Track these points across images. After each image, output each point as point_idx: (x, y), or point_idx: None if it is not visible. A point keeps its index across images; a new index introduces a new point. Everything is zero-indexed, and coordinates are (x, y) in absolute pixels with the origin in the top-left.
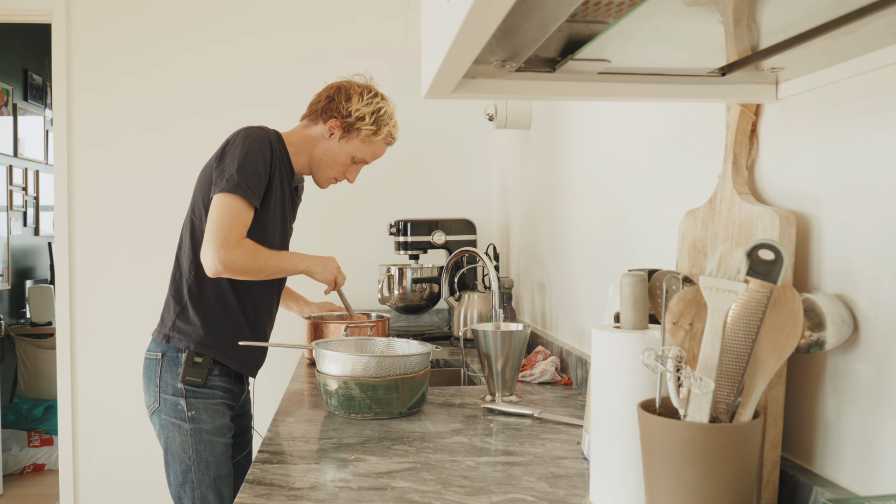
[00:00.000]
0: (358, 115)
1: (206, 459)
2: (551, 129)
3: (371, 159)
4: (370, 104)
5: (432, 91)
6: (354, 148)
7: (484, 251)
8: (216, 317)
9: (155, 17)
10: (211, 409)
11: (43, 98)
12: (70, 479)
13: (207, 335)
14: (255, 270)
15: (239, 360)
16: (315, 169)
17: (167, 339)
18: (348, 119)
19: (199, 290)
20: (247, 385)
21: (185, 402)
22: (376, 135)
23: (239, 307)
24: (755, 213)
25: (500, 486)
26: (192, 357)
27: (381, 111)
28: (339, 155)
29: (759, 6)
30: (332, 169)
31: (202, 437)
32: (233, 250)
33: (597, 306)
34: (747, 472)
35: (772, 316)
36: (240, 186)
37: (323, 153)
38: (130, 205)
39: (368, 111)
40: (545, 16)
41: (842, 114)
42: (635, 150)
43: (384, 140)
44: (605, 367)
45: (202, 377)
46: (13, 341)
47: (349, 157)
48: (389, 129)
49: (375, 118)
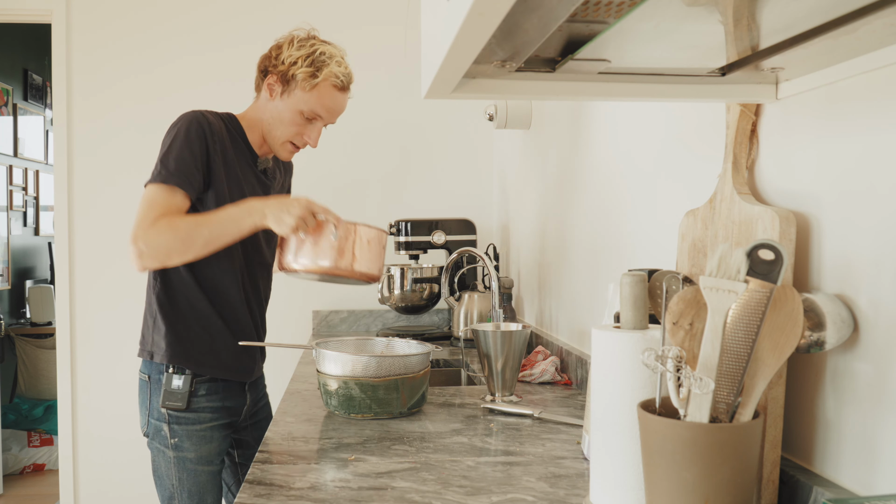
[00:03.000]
0: (290, 61)
1: (188, 488)
2: (551, 129)
3: (325, 112)
4: (302, 47)
5: (432, 91)
6: (298, 100)
7: (484, 251)
8: (188, 324)
9: (155, 21)
10: (196, 437)
11: (43, 98)
12: (70, 478)
13: (178, 346)
14: (184, 243)
15: (219, 367)
16: (267, 137)
17: (150, 355)
18: (281, 68)
19: (168, 297)
20: (253, 394)
21: (168, 428)
22: (315, 77)
23: (212, 309)
24: (755, 213)
25: (500, 486)
26: (172, 380)
27: (318, 51)
28: (284, 113)
29: (759, 6)
30: (282, 130)
31: (185, 466)
32: (146, 231)
33: (597, 306)
34: (747, 472)
35: (772, 316)
36: (159, 175)
37: (270, 117)
38: (130, 205)
39: (301, 54)
40: (545, 16)
41: (842, 114)
42: (635, 150)
43: (330, 84)
44: (605, 367)
45: (184, 401)
46: (13, 341)
47: (296, 113)
48: (332, 70)
49: (311, 60)
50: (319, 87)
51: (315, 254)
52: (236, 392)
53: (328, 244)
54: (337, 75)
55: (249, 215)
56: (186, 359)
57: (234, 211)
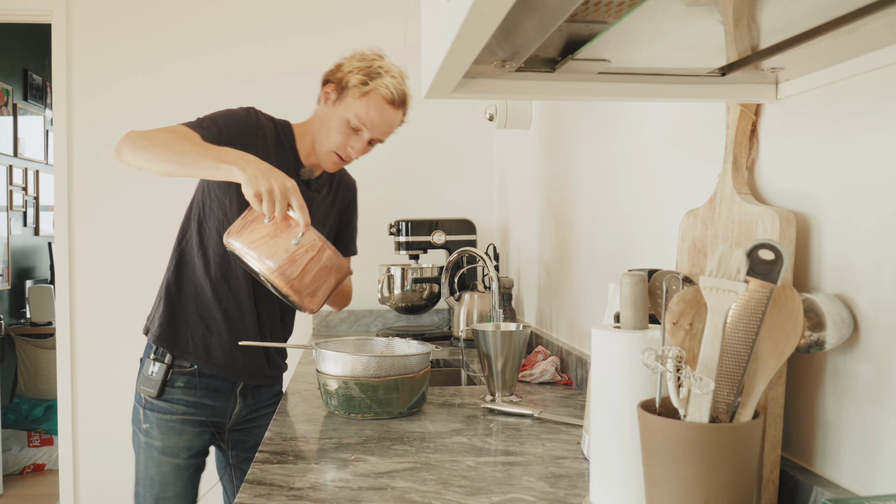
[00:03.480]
0: (348, 70)
1: (151, 476)
2: (552, 128)
3: (370, 123)
4: (363, 60)
5: (432, 91)
6: (347, 107)
7: (484, 251)
8: (187, 311)
9: (156, 23)
10: (165, 426)
11: (43, 98)
12: (70, 478)
13: (169, 328)
14: (163, 147)
15: (206, 360)
16: (315, 145)
17: (146, 331)
18: (339, 75)
19: (177, 280)
20: (249, 399)
21: (143, 412)
22: (366, 85)
23: (215, 300)
24: (755, 212)
25: (500, 486)
26: (149, 366)
27: (376, 64)
28: (332, 119)
29: (759, 6)
30: (328, 138)
31: (151, 453)
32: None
33: (597, 306)
34: (747, 472)
35: (772, 316)
36: (188, 122)
37: (319, 123)
38: (130, 206)
39: (360, 65)
40: (545, 16)
41: (842, 114)
42: (635, 150)
43: (380, 94)
44: (604, 367)
45: (155, 388)
46: (13, 341)
47: (343, 121)
48: (385, 81)
49: (368, 70)
50: (369, 95)
51: (265, 247)
52: (222, 392)
53: (283, 246)
54: (388, 87)
55: (228, 161)
56: (172, 344)
57: (222, 151)
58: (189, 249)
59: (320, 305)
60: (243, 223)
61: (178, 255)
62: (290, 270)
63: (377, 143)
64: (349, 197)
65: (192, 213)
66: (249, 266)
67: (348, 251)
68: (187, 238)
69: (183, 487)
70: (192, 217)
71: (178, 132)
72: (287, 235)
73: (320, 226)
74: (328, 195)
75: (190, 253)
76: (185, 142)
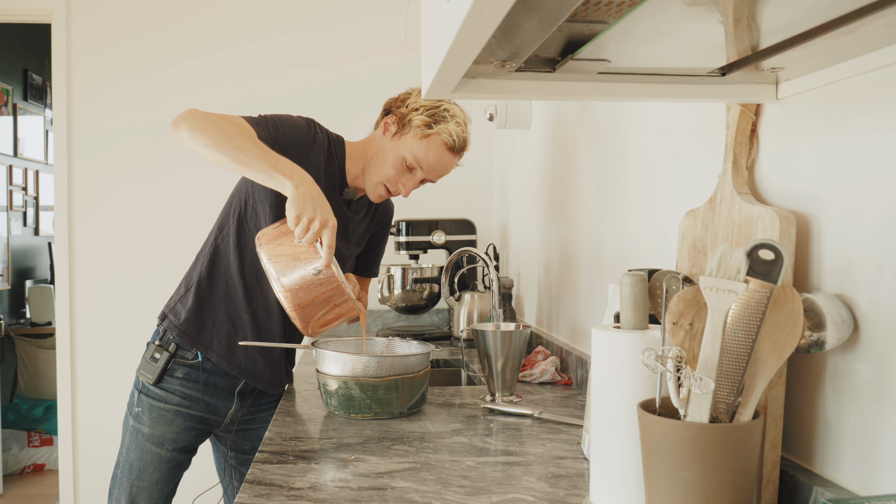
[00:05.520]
0: (413, 107)
1: (132, 461)
2: (552, 128)
3: (427, 166)
4: (430, 100)
5: (432, 91)
6: (405, 145)
7: (484, 251)
8: (216, 310)
9: (156, 25)
10: (157, 413)
11: (43, 98)
12: (70, 479)
13: (195, 325)
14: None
15: (227, 359)
16: (366, 172)
17: (163, 318)
18: (402, 110)
19: (209, 276)
20: (248, 402)
21: (137, 396)
22: (430, 128)
23: (246, 301)
24: (755, 212)
25: (500, 486)
26: (154, 351)
27: (442, 107)
28: (388, 153)
29: (759, 6)
30: (381, 169)
31: (137, 438)
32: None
33: (597, 306)
34: (747, 472)
35: (772, 316)
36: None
37: (374, 152)
38: (130, 206)
39: (426, 104)
40: (545, 16)
41: (842, 114)
42: (635, 150)
43: (442, 140)
44: (604, 367)
45: (154, 375)
46: (13, 341)
47: (399, 158)
48: (449, 127)
49: (433, 112)
50: (431, 139)
51: (284, 265)
52: (221, 390)
53: (301, 272)
54: (451, 133)
55: (284, 174)
56: (196, 339)
57: (279, 160)
58: (225, 247)
59: (318, 333)
60: (275, 234)
61: (212, 250)
62: (299, 296)
63: (428, 182)
64: (384, 221)
65: (231, 209)
66: (264, 268)
67: (370, 272)
68: (224, 234)
69: (160, 479)
70: (232, 214)
71: (240, 126)
72: (309, 262)
73: (354, 246)
74: (366, 217)
75: (226, 250)
76: (246, 139)
